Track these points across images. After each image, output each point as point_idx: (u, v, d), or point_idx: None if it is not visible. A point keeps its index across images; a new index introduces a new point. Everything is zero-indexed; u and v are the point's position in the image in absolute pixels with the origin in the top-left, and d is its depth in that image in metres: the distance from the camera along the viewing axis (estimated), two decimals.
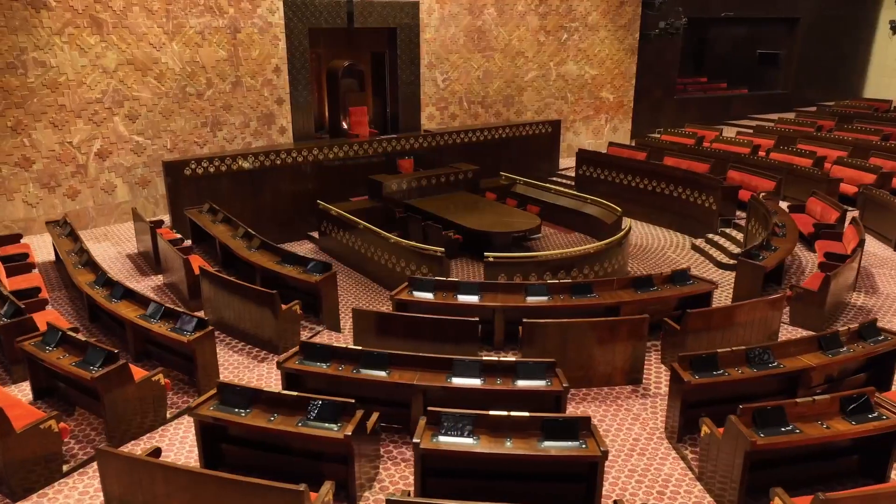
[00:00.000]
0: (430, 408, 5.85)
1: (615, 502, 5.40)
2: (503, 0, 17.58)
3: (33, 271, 10.41)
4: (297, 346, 7.24)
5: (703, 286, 9.29)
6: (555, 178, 17.97)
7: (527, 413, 5.73)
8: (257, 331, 9.01)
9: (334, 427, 5.77)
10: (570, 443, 5.58)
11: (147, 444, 6.86)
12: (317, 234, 14.19)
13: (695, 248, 13.52)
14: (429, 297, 9.06)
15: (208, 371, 7.66)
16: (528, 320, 7.92)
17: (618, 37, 19.42)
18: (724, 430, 5.86)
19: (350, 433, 5.64)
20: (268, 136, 15.39)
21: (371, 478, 6.33)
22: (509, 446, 5.59)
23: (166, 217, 13.77)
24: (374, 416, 6.28)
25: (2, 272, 9.93)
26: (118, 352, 6.98)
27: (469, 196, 15.03)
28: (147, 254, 11.84)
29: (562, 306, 8.85)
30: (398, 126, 17.05)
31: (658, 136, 19.43)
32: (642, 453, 6.82)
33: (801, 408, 5.87)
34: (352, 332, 8.98)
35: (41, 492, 6.16)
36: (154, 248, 11.38)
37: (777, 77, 23.93)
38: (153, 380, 7.02)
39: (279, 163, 14.38)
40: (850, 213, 12.32)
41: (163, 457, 6.68)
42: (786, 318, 9.61)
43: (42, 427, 6.05)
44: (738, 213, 14.01)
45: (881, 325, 9.44)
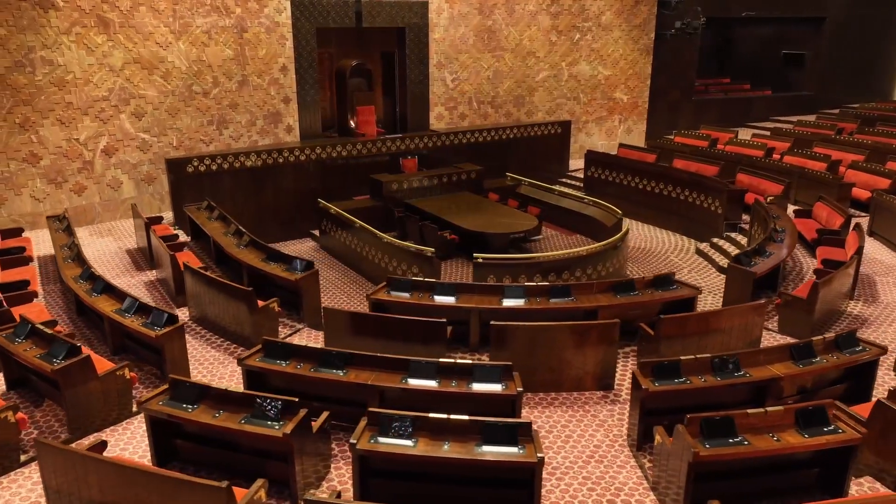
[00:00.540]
0: (371, 409, 5.82)
1: None
2: (514, 0, 17.47)
3: (30, 265, 10.67)
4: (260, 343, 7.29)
5: (686, 291, 9.08)
6: (564, 180, 17.79)
7: (466, 416, 5.66)
8: (236, 327, 9.09)
9: (276, 425, 5.77)
10: (508, 448, 5.50)
11: (110, 437, 6.96)
12: (318, 233, 14.29)
13: (699, 252, 13.25)
14: (405, 297, 9.03)
15: (177, 366, 7.75)
16: (496, 323, 7.83)
17: (632, 37, 19.12)
18: (672, 439, 5.72)
19: (289, 431, 5.64)
20: (274, 135, 15.53)
21: (321, 476, 6.33)
22: (446, 449, 5.53)
23: (170, 213, 14.00)
24: (324, 415, 6.28)
25: None
26: (78, 346, 7.10)
27: (471, 196, 14.95)
28: (144, 250, 12.05)
29: (538, 309, 8.74)
30: (407, 126, 17.04)
31: (671, 137, 19.05)
32: (600, 460, 6.69)
33: (753, 419, 5.69)
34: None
35: None
36: (148, 245, 11.58)
37: (802, 78, 23.28)
38: (118, 374, 7.13)
39: (281, 161, 14.50)
40: (855, 219, 11.93)
41: (123, 450, 6.82)
42: (775, 327, 9.38)
43: None
44: (744, 217, 13.67)
45: (876, 334, 9.22)
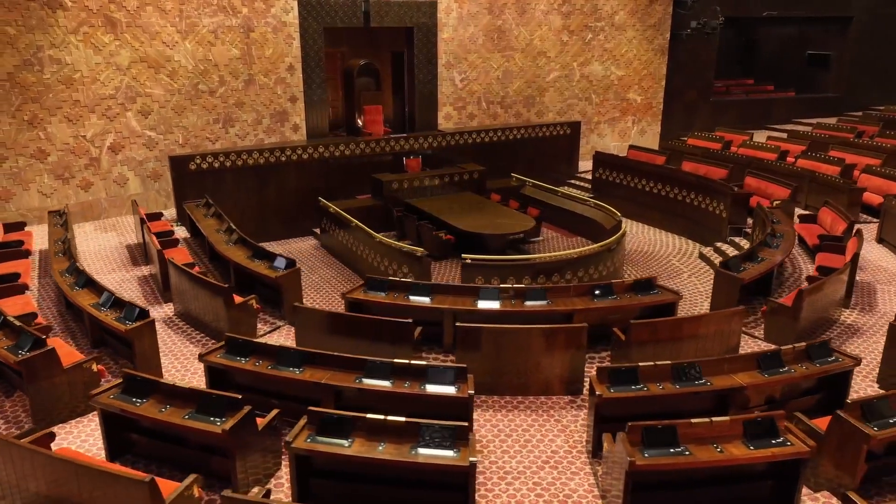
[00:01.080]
0: (311, 408, 5.82)
1: None
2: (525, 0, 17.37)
3: (28, 258, 10.93)
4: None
5: (667, 296, 8.90)
6: (573, 181, 17.59)
7: (403, 418, 5.62)
8: (215, 323, 9.18)
9: (218, 421, 5.81)
10: (443, 451, 5.45)
11: (74, 429, 7.11)
12: (319, 231, 14.37)
13: (702, 256, 12.99)
14: (381, 297, 9.02)
15: (147, 360, 7.86)
16: (462, 325, 7.77)
17: (646, 37, 18.81)
18: (614, 447, 5.61)
19: (228, 428, 5.67)
20: (280, 134, 15.67)
21: (271, 473, 6.34)
22: (381, 450, 5.50)
23: (174, 210, 14.22)
24: (273, 413, 6.30)
25: None
26: (43, 338, 7.26)
27: (472, 197, 14.87)
28: (142, 246, 12.26)
29: (512, 312, 8.65)
30: (415, 125, 17.04)
31: (684, 139, 18.69)
32: (555, 467, 6.58)
33: (698, 429, 5.53)
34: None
35: None
36: (144, 240, 11.77)
37: (828, 80, 22.62)
38: (84, 366, 7.26)
39: (284, 159, 14.61)
40: (858, 226, 11.55)
41: (84, 441, 6.94)
42: (762, 334, 9.14)
43: None
44: (749, 221, 13.36)
45: (867, 345, 8.94)
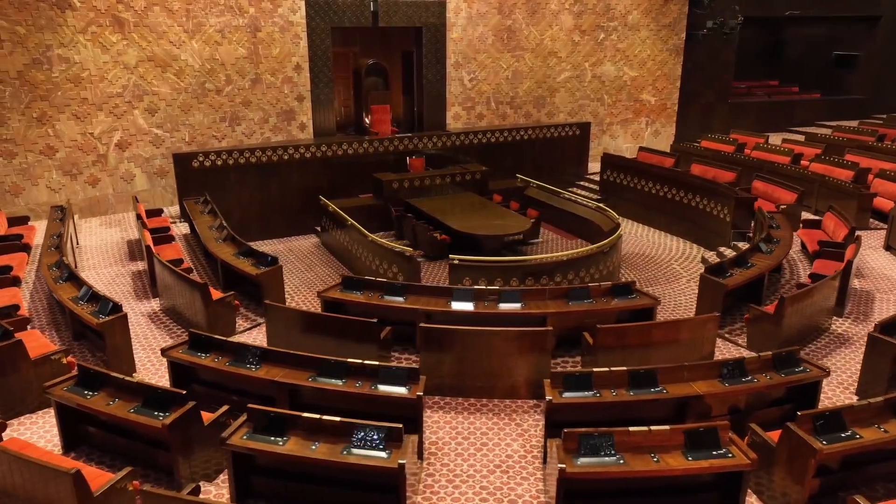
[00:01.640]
0: (251, 405, 5.84)
1: None
2: None
3: (26, 252, 11.21)
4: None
5: (644, 301, 8.71)
6: (582, 183, 17.38)
7: (338, 418, 5.60)
8: (196, 319, 9.29)
9: (161, 415, 5.87)
10: (374, 452, 5.41)
11: (40, 419, 7.26)
12: (320, 229, 14.46)
13: (704, 261, 12.72)
14: (357, 296, 9.02)
15: (119, 353, 7.99)
16: (425, 325, 7.73)
17: (661, 37, 18.47)
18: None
19: (169, 423, 5.73)
20: (287, 132, 15.80)
21: (220, 469, 6.38)
22: (313, 450, 5.49)
23: (177, 207, 14.45)
24: (221, 409, 6.34)
25: None
26: (11, 330, 7.42)
27: (473, 197, 14.79)
28: (139, 241, 12.49)
29: (484, 314, 8.57)
30: (423, 125, 17.02)
31: (698, 142, 18.31)
32: (506, 471, 6.49)
33: (636, 437, 5.40)
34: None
35: None
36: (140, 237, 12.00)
37: (855, 81, 21.92)
38: (52, 358, 7.40)
39: (287, 158, 14.73)
40: (863, 232, 11.17)
41: (47, 433, 7.07)
42: (745, 342, 8.91)
43: None
44: (754, 225, 13.04)
45: (853, 356, 8.65)
